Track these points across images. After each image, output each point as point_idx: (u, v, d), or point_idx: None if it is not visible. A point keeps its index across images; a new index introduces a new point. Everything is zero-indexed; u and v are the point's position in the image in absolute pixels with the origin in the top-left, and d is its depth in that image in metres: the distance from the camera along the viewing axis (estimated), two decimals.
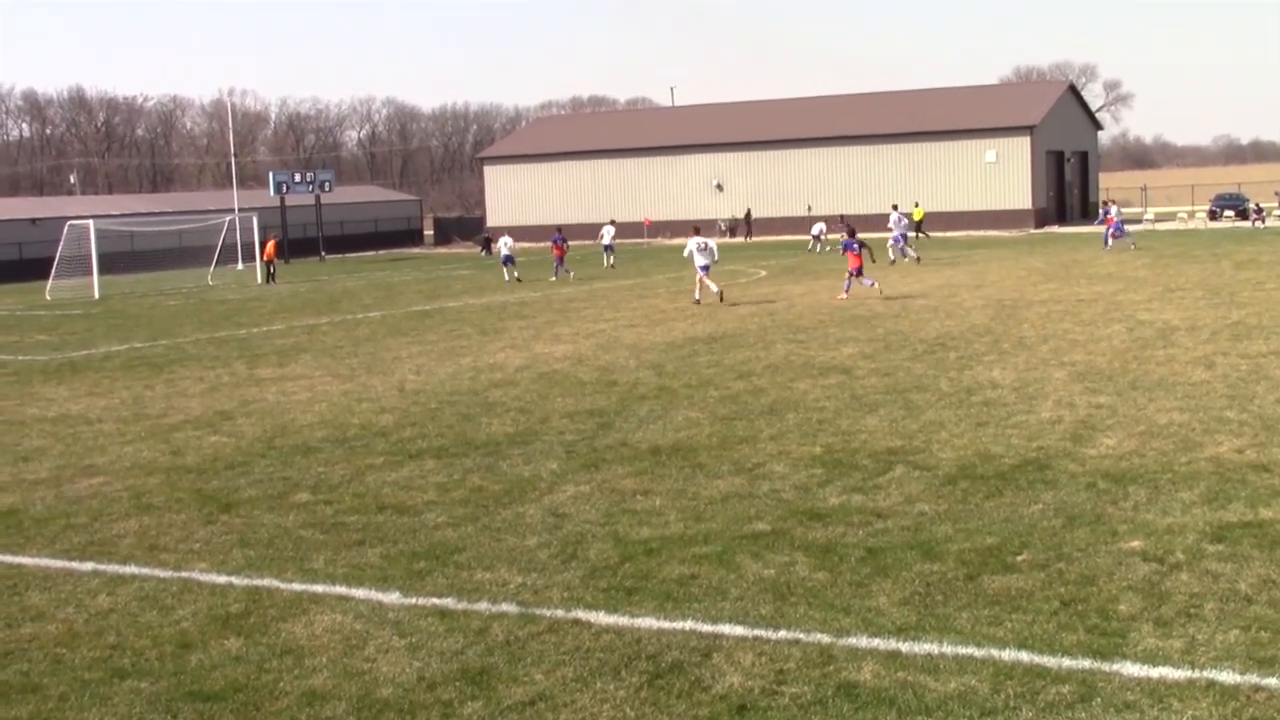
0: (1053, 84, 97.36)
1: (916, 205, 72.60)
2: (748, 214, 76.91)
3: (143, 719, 7.54)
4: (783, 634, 8.39)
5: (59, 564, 10.97)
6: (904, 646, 8.09)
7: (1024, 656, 7.86)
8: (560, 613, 9.00)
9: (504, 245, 49.77)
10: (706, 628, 8.57)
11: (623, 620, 8.79)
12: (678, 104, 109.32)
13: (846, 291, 33.27)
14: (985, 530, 10.66)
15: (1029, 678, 7.53)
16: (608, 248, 55.19)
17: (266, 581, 10.13)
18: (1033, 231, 74.13)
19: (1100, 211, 55.09)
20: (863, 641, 8.21)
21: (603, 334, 27.11)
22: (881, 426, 15.34)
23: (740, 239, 78.64)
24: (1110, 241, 52.65)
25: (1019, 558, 9.87)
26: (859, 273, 33.23)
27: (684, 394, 18.37)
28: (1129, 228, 55.01)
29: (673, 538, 10.82)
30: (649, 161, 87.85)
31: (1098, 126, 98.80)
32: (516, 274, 47.81)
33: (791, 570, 9.75)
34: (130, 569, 10.69)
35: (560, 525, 11.40)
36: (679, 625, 8.63)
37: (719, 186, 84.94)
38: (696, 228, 39.35)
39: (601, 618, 8.85)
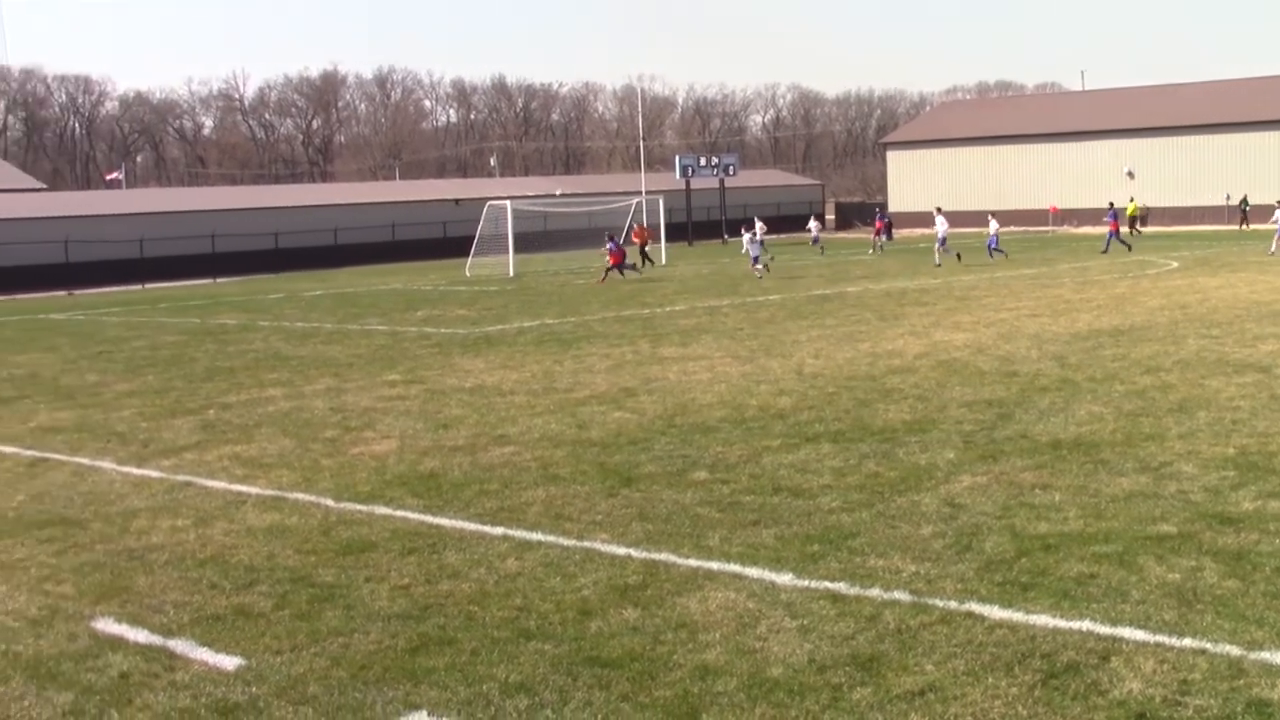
0: None
1: (1131, 200, 68.82)
2: (1244, 201, 71.76)
3: (545, 679, 7.91)
4: (1187, 642, 8.04)
5: (473, 527, 11.61)
6: None
7: None
8: (953, 604, 8.90)
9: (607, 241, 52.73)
10: (1105, 629, 8.30)
11: (1017, 616, 8.62)
12: (1088, 88, 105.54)
13: (603, 280, 44.41)
14: None
15: None
16: (759, 243, 52.74)
17: (664, 556, 10.42)
18: None
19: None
20: (1278, 657, 7.77)
21: (1004, 323, 26.54)
22: None
23: (1240, 226, 73.60)
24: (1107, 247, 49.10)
25: None
26: (618, 267, 45.42)
27: (1087, 387, 17.79)
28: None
29: (1072, 534, 10.52)
30: (1056, 147, 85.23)
31: None
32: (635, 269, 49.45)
33: (1198, 576, 9.33)
34: (537, 536, 11.20)
35: (956, 515, 11.26)
36: (1076, 625, 8.40)
37: (1130, 174, 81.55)
38: (752, 221, 51.61)
39: (995, 612, 8.70)
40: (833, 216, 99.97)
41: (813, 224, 63.71)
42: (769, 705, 7.38)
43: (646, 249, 56.16)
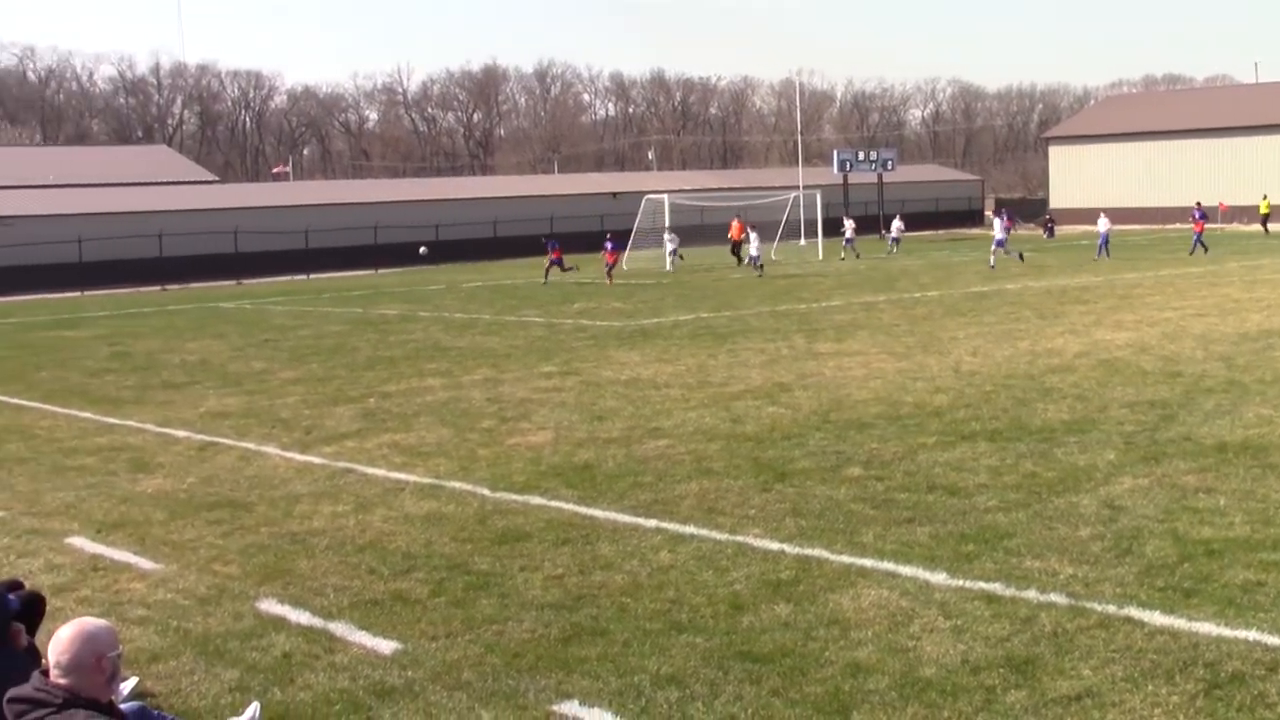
0: None
1: (1264, 198, 66.02)
2: None
3: (696, 672, 7.93)
4: None
5: (626, 519, 11.69)
6: None
7: None
8: (1112, 608, 8.73)
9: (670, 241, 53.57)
10: (1273, 640, 8.06)
11: (1179, 622, 8.42)
12: (1261, 80, 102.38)
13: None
14: None
15: None
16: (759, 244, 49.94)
17: (816, 552, 10.38)
18: None
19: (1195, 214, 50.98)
20: None
21: (1168, 322, 25.91)
22: None
23: None
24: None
25: None
26: (558, 262, 46.68)
27: (1255, 389, 17.29)
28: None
29: (1237, 540, 10.24)
30: (1226, 143, 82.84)
31: None
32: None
33: None
34: (690, 529, 11.23)
35: (1115, 518, 11.04)
36: (1241, 634, 8.18)
37: None
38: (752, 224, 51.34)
39: (1156, 618, 8.51)
40: (991, 213, 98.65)
41: (896, 223, 63.06)
42: (921, 705, 7.32)
43: (740, 247, 53.39)
